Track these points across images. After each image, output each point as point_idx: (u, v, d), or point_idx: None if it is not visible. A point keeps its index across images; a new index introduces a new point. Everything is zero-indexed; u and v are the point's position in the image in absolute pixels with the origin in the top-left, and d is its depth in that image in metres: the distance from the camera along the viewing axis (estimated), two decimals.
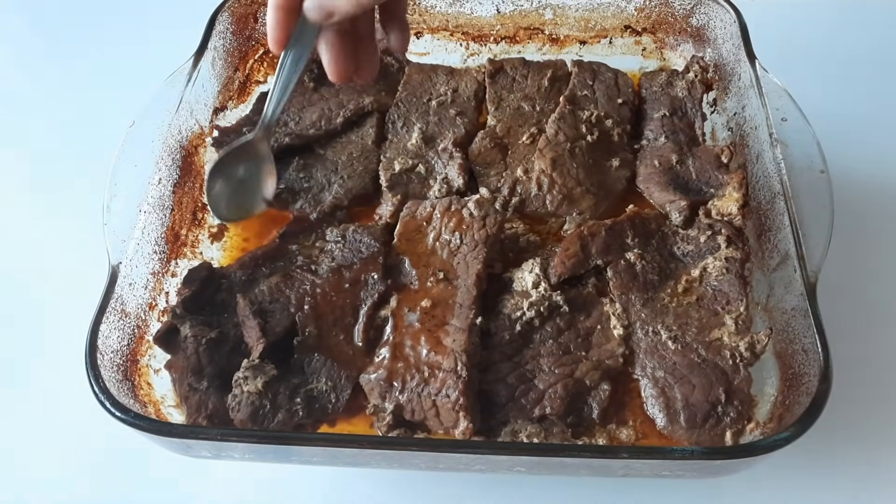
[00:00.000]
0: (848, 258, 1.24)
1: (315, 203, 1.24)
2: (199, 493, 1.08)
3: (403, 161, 1.27)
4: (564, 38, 1.49)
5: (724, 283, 1.08)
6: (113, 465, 1.10)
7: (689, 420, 0.97)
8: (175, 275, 1.13)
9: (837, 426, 1.08)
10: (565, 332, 1.05)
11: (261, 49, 1.44)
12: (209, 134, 1.28)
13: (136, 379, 1.00)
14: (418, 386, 0.98)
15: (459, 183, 1.23)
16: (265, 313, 1.05)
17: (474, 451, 0.88)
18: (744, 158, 1.22)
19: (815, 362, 0.91)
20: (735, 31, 1.29)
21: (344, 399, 1.01)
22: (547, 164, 1.22)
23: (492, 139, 1.30)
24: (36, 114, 1.62)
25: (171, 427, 0.91)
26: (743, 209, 1.14)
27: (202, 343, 1.01)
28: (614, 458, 0.86)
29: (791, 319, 0.99)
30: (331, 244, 1.15)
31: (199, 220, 1.23)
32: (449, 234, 1.12)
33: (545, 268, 1.09)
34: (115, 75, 1.65)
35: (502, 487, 1.07)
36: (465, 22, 1.48)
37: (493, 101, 1.37)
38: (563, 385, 0.99)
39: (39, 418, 1.16)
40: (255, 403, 0.97)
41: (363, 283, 1.09)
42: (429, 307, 1.04)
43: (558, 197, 1.21)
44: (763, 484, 1.06)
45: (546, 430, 0.97)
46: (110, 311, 0.98)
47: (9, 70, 1.75)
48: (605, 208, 1.23)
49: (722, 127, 1.33)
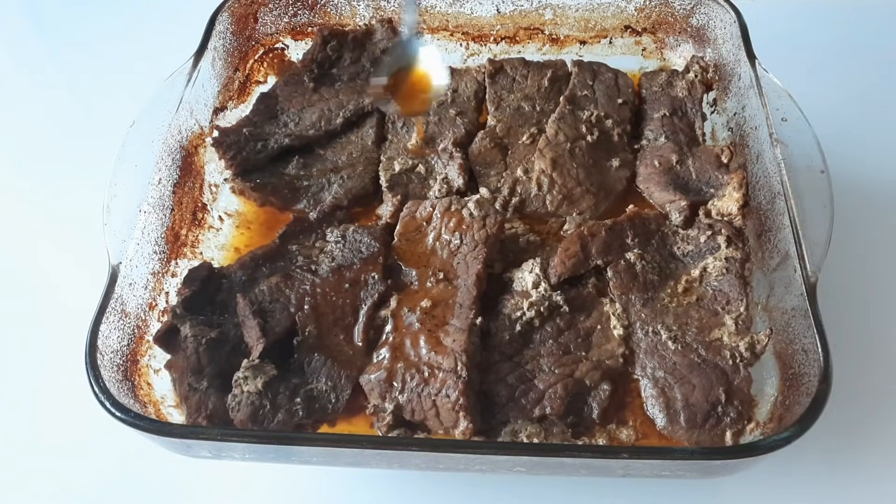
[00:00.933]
0: (848, 258, 1.24)
1: (315, 203, 1.24)
2: (199, 493, 1.08)
3: (403, 161, 1.27)
4: (564, 38, 1.49)
5: (724, 283, 1.08)
6: (113, 465, 1.10)
7: (689, 420, 0.97)
8: (175, 275, 1.13)
9: (837, 426, 1.08)
10: (565, 333, 1.05)
11: (261, 49, 1.44)
12: (209, 134, 1.28)
13: (136, 379, 1.00)
14: (418, 386, 0.97)
15: (459, 183, 1.23)
16: (265, 313, 1.05)
17: (474, 451, 0.88)
18: (744, 158, 1.22)
19: (815, 362, 0.91)
20: (735, 31, 1.29)
21: (344, 399, 1.01)
22: (547, 164, 1.22)
23: (492, 139, 1.30)
24: (36, 114, 1.63)
25: (171, 427, 0.91)
26: (743, 209, 1.14)
27: (202, 343, 1.01)
28: (614, 458, 0.86)
29: (791, 319, 0.99)
30: (331, 244, 1.15)
31: (199, 220, 1.23)
32: (449, 234, 1.12)
33: (545, 268, 1.09)
34: (115, 75, 1.65)
35: (502, 487, 1.07)
36: (465, 22, 1.48)
37: (493, 101, 1.37)
38: (563, 385, 0.99)
39: (39, 418, 1.16)
40: (255, 403, 0.97)
41: (363, 283, 1.09)
42: (429, 307, 1.04)
43: (558, 197, 1.21)
44: (763, 484, 1.06)
45: (546, 430, 0.97)
46: (110, 311, 0.98)
47: (9, 70, 1.75)
48: (606, 208, 1.23)
49: (722, 127, 1.33)
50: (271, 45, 1.46)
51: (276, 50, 1.46)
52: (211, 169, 1.28)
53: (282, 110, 1.33)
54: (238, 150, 1.26)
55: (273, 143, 1.29)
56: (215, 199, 1.27)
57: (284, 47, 1.47)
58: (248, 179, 1.26)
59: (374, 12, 1.48)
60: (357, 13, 1.48)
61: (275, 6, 1.43)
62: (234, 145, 1.26)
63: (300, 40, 1.47)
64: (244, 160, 1.26)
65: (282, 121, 1.32)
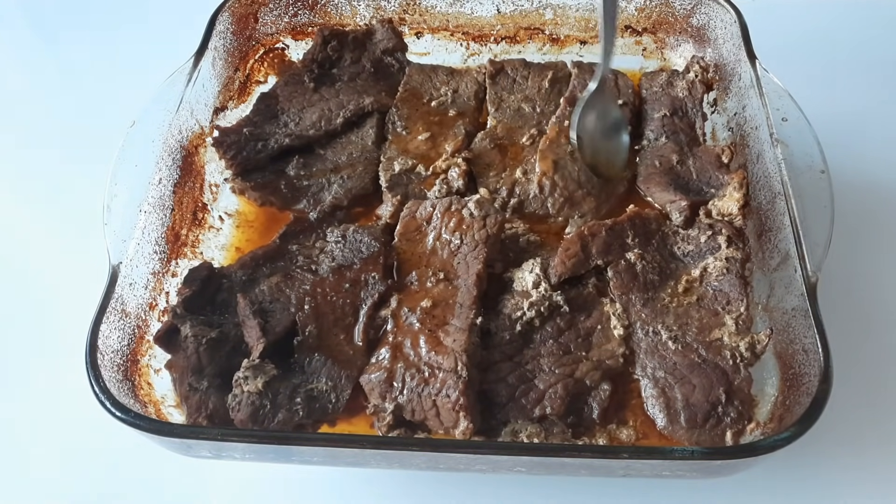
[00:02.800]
0: (848, 258, 1.24)
1: (315, 203, 1.24)
2: (199, 493, 1.08)
3: (403, 161, 1.27)
4: (565, 38, 1.49)
5: (724, 283, 1.08)
6: (113, 465, 1.10)
7: (689, 420, 0.97)
8: (175, 275, 1.13)
9: (837, 426, 1.08)
10: (566, 332, 1.05)
11: (261, 49, 1.44)
12: (209, 134, 1.28)
13: (136, 379, 1.00)
14: (418, 386, 0.97)
15: (459, 183, 1.23)
16: (265, 313, 1.05)
17: (474, 452, 0.88)
18: (744, 158, 1.22)
19: (815, 362, 0.91)
20: (735, 31, 1.29)
21: (344, 399, 1.01)
22: (549, 166, 1.22)
23: (492, 140, 1.30)
24: (36, 114, 1.63)
25: (171, 427, 0.91)
26: (743, 209, 1.14)
27: (202, 343, 1.01)
28: (615, 458, 0.86)
29: (791, 319, 0.99)
30: (331, 244, 1.15)
31: (200, 220, 1.23)
32: (449, 234, 1.12)
33: (545, 268, 1.09)
34: (115, 75, 1.65)
35: (502, 487, 1.06)
36: (465, 22, 1.48)
37: (493, 101, 1.37)
38: (564, 385, 0.99)
39: (39, 418, 1.16)
40: (256, 403, 0.97)
41: (363, 283, 1.09)
42: (429, 307, 1.04)
43: (560, 200, 1.21)
44: (763, 484, 1.06)
45: (546, 430, 0.97)
46: (110, 311, 0.98)
47: (9, 70, 1.75)
48: (607, 210, 1.23)
49: (722, 127, 1.33)
50: (272, 44, 1.46)
51: (276, 50, 1.46)
52: (211, 169, 1.28)
53: (282, 110, 1.33)
54: (238, 149, 1.26)
55: (273, 143, 1.29)
56: (215, 198, 1.27)
57: (285, 47, 1.47)
58: (248, 179, 1.26)
59: (374, 12, 1.48)
60: (357, 13, 1.48)
61: (275, 6, 1.43)
62: (235, 145, 1.26)
63: (300, 40, 1.47)
64: (244, 160, 1.26)
65: (282, 121, 1.32)
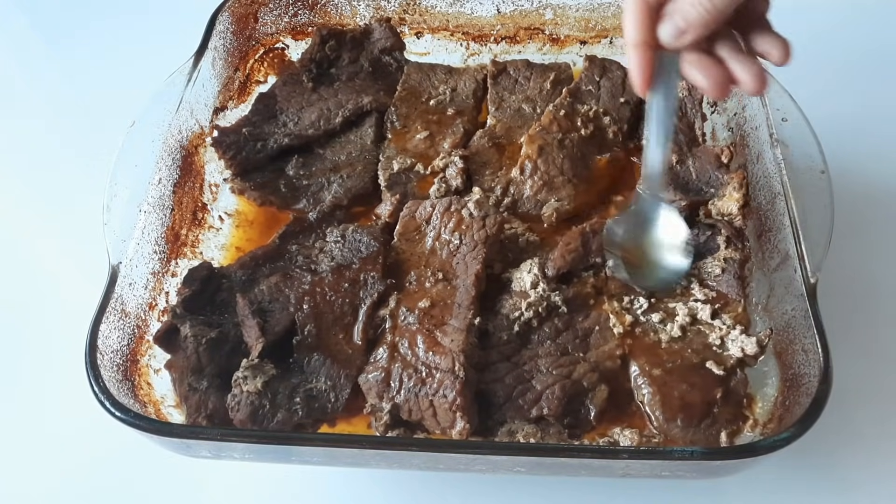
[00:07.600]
0: (848, 258, 1.24)
1: (315, 202, 1.24)
2: (200, 493, 1.08)
3: (402, 161, 1.27)
4: (565, 38, 1.49)
5: (722, 283, 1.08)
6: (113, 465, 1.10)
7: (685, 420, 0.97)
8: (175, 275, 1.13)
9: (837, 426, 1.08)
10: (563, 333, 1.05)
11: (261, 49, 1.44)
12: (209, 134, 1.28)
13: (136, 379, 1.00)
14: (416, 386, 0.97)
15: (457, 182, 1.23)
16: (265, 313, 1.05)
17: (475, 452, 0.88)
18: (744, 158, 1.22)
19: (815, 362, 0.91)
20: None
21: (343, 398, 1.01)
22: (534, 150, 1.22)
23: (490, 138, 1.30)
24: (36, 114, 1.63)
25: (171, 427, 0.91)
26: (743, 209, 1.14)
27: (202, 343, 1.01)
28: (615, 458, 0.86)
29: (791, 320, 0.99)
30: (330, 244, 1.15)
31: (200, 220, 1.23)
32: (449, 234, 1.12)
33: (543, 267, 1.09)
34: (115, 75, 1.65)
35: (502, 488, 1.07)
36: (465, 22, 1.48)
37: (494, 101, 1.36)
38: (561, 386, 0.99)
39: (39, 418, 1.16)
40: (255, 403, 0.97)
41: (362, 282, 1.09)
42: (427, 307, 1.04)
43: (539, 182, 1.21)
44: (763, 484, 1.06)
45: (543, 431, 0.97)
46: (110, 311, 0.98)
47: (9, 70, 1.75)
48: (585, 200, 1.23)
49: (722, 127, 1.33)
50: (271, 44, 1.46)
51: (276, 50, 1.46)
52: (211, 169, 1.28)
53: (281, 110, 1.33)
54: (238, 150, 1.26)
55: (272, 142, 1.29)
56: (215, 198, 1.27)
57: (285, 47, 1.47)
58: (247, 179, 1.26)
59: (374, 12, 1.48)
60: (357, 13, 1.48)
61: (275, 6, 1.43)
62: (234, 145, 1.26)
63: (300, 40, 1.47)
64: (244, 160, 1.26)
65: (281, 121, 1.32)
